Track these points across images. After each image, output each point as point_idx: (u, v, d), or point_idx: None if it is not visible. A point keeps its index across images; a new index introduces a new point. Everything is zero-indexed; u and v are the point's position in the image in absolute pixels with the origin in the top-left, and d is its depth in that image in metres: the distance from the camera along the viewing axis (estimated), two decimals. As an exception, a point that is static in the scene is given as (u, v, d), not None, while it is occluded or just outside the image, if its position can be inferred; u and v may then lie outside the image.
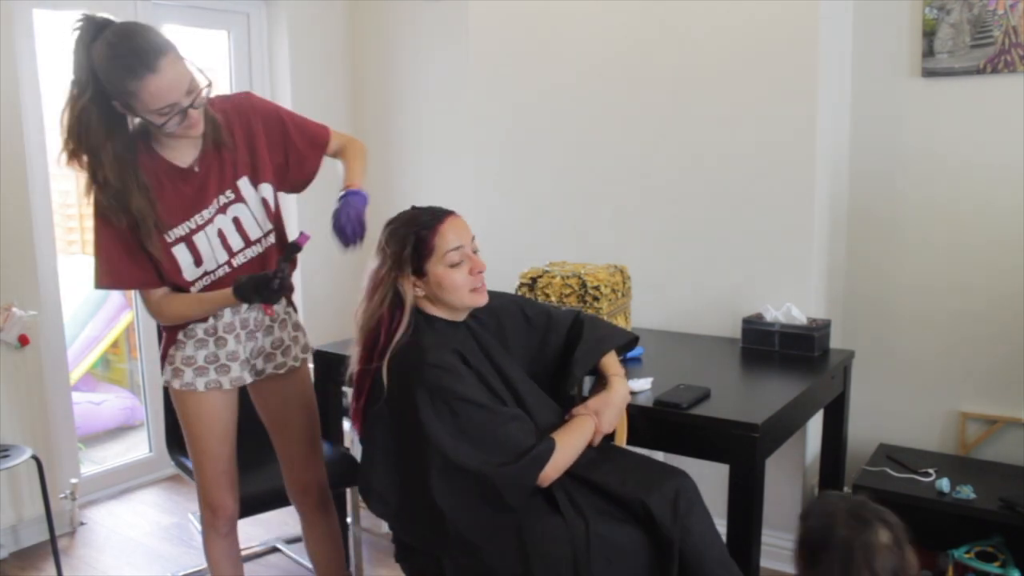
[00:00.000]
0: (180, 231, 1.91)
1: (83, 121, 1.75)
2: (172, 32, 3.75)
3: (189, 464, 2.59)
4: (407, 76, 3.93)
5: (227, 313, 2.03)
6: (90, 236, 4.27)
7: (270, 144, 2.01)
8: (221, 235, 1.96)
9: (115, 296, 4.23)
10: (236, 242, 1.98)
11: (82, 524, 3.36)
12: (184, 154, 1.92)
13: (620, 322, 2.68)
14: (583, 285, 2.55)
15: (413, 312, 1.77)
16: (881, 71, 2.88)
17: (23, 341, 3.04)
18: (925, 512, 2.67)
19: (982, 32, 2.69)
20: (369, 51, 4.06)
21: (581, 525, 1.66)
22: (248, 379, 2.12)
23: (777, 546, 2.87)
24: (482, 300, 1.80)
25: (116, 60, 1.69)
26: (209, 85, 1.81)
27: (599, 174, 3.14)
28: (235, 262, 1.99)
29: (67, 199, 4.24)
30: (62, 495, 3.24)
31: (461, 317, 1.82)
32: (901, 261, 2.93)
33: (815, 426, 2.83)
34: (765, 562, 2.73)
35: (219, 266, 1.98)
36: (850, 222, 3.01)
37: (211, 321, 2.02)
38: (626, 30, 3.00)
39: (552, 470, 1.70)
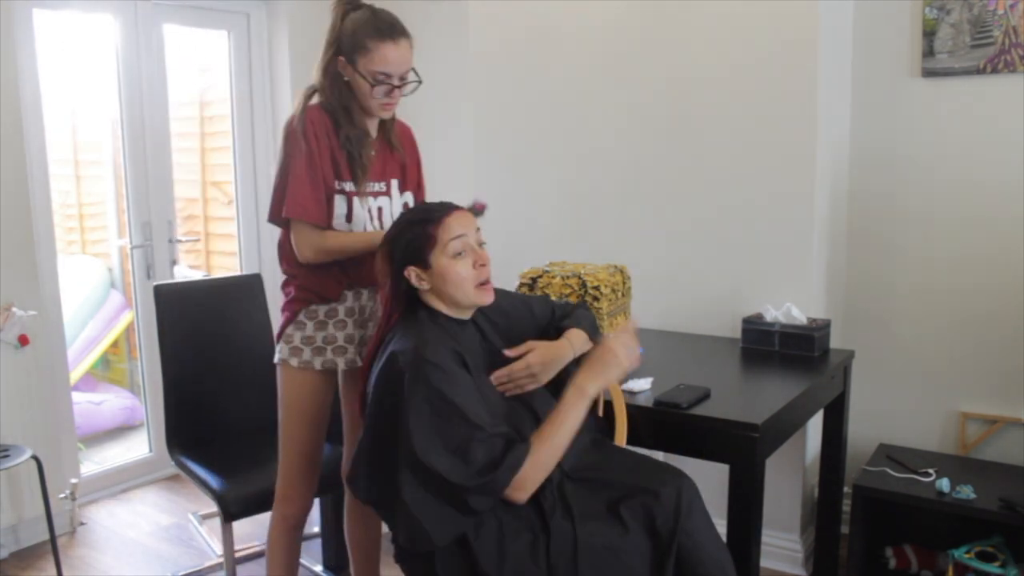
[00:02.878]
0: (350, 186, 2.06)
1: (331, 71, 2.05)
2: (172, 32, 3.76)
3: (189, 464, 2.60)
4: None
5: (350, 297, 2.13)
6: (90, 236, 4.29)
7: (414, 164, 2.28)
8: (369, 214, 2.11)
9: (115, 296, 4.23)
10: (376, 227, 2.12)
11: (82, 524, 3.36)
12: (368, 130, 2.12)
13: (620, 322, 2.68)
14: (583, 285, 2.55)
15: (418, 307, 1.77)
16: (881, 71, 2.88)
17: (23, 341, 3.05)
18: (925, 512, 2.67)
19: (982, 32, 2.69)
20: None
21: (568, 530, 1.64)
22: (359, 362, 2.15)
23: (777, 546, 2.87)
24: (488, 298, 1.78)
25: (371, 23, 2.01)
26: (420, 83, 2.08)
27: (599, 174, 3.14)
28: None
29: (67, 199, 4.24)
30: (62, 495, 3.24)
31: (468, 315, 1.81)
32: (901, 261, 2.93)
33: (815, 426, 2.83)
34: (765, 562, 2.73)
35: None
36: (850, 222, 3.01)
37: (334, 303, 2.12)
38: (626, 30, 3.00)
39: (528, 481, 1.63)
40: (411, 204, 2.21)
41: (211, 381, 2.77)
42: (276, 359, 2.18)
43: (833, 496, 2.70)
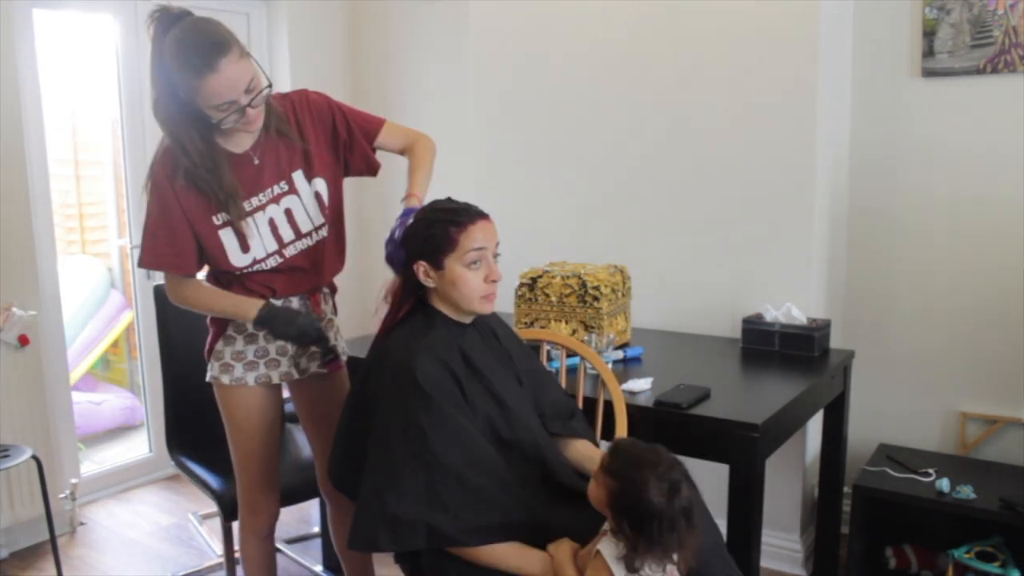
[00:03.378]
0: (225, 216, 1.91)
1: (161, 105, 1.84)
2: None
3: (189, 464, 2.60)
4: (407, 76, 3.93)
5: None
6: (90, 236, 4.29)
7: (324, 138, 2.04)
8: (272, 224, 1.97)
9: (115, 296, 4.23)
10: (287, 233, 1.99)
11: (82, 524, 3.36)
12: (240, 142, 1.94)
13: (620, 322, 2.68)
14: (583, 285, 2.55)
15: (418, 303, 1.77)
16: (881, 71, 2.88)
17: (23, 341, 3.04)
18: (925, 512, 2.67)
19: (982, 32, 2.69)
20: (369, 51, 4.06)
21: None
22: (295, 375, 2.11)
23: (777, 546, 2.87)
24: (490, 309, 1.77)
25: (181, 57, 1.75)
26: (269, 86, 1.86)
27: (599, 174, 3.14)
28: (286, 252, 2.00)
29: (67, 199, 4.23)
30: (62, 495, 3.24)
31: (467, 320, 1.80)
32: (901, 261, 2.93)
33: (815, 426, 2.83)
34: (765, 562, 2.73)
35: (268, 255, 1.98)
36: (850, 222, 3.01)
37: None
38: (626, 30, 3.00)
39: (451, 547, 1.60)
40: (323, 193, 2.03)
41: (211, 381, 2.77)
42: (208, 377, 2.10)
43: (833, 496, 2.70)
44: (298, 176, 2.00)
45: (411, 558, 1.72)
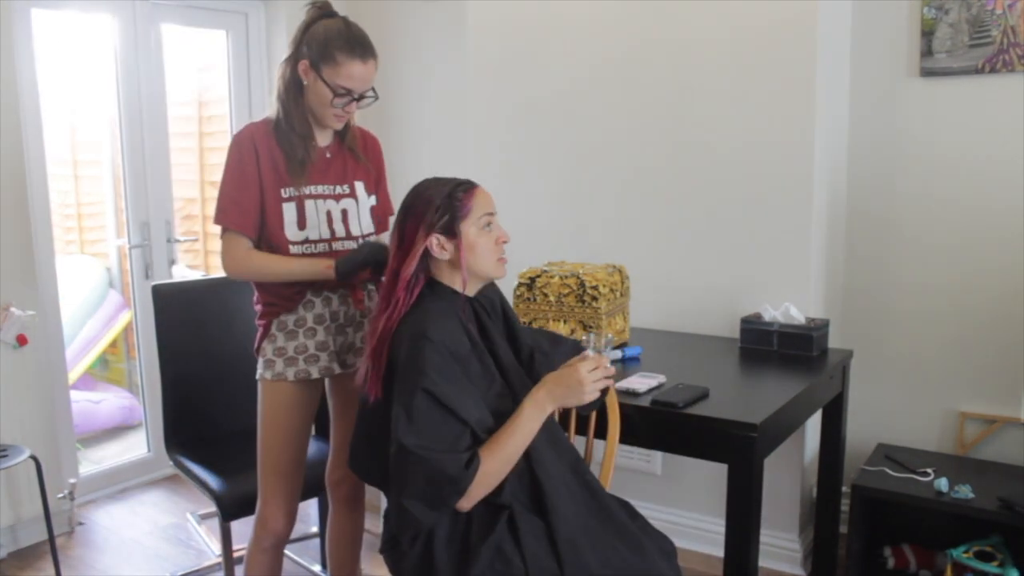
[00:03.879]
0: (293, 191, 2.04)
1: (288, 82, 2.05)
2: (171, 32, 3.76)
3: (188, 464, 2.60)
4: (406, 76, 3.92)
5: (318, 304, 2.11)
6: (89, 236, 4.29)
7: (372, 176, 2.23)
8: (329, 216, 2.09)
9: (113, 296, 4.23)
10: (340, 229, 2.11)
11: (80, 524, 3.36)
12: (322, 137, 2.12)
13: (619, 322, 2.68)
14: (581, 285, 2.55)
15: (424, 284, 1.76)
16: (880, 71, 2.88)
17: (21, 341, 3.04)
18: (923, 512, 2.67)
19: (980, 32, 2.69)
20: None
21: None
22: (337, 370, 2.15)
23: (776, 546, 2.87)
24: (504, 271, 1.81)
25: (344, 36, 2.00)
26: (377, 97, 2.09)
27: (598, 174, 3.14)
28: (335, 246, 2.10)
29: (65, 199, 4.23)
30: (60, 495, 3.23)
31: (472, 291, 1.79)
32: (900, 260, 2.93)
33: (814, 426, 2.83)
34: (764, 562, 2.73)
35: (320, 239, 2.08)
36: (849, 222, 3.01)
37: (301, 312, 2.10)
38: (625, 30, 3.00)
39: (474, 493, 1.62)
40: (374, 206, 2.20)
41: (209, 381, 2.77)
42: (257, 375, 2.15)
43: (832, 496, 2.70)
44: (359, 185, 2.16)
45: (394, 548, 1.73)
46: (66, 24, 3.72)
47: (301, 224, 2.05)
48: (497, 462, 1.63)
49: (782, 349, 2.62)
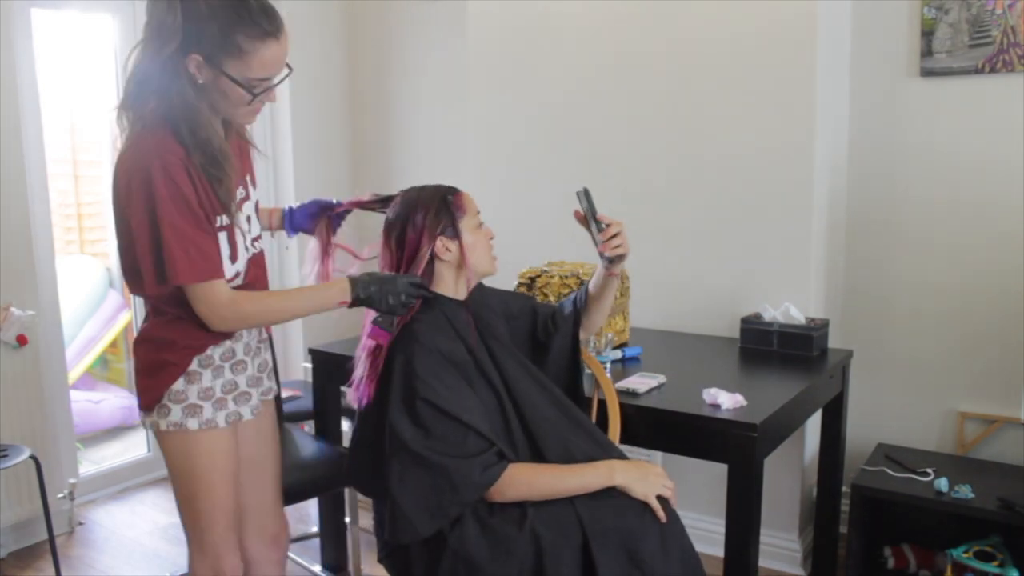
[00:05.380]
0: (225, 219, 1.66)
1: (172, 81, 1.53)
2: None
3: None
4: (406, 76, 3.92)
5: (244, 332, 1.78)
6: (88, 236, 4.29)
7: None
8: (243, 232, 1.73)
9: (113, 296, 4.23)
10: (248, 247, 1.76)
11: (80, 524, 3.36)
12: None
13: (619, 322, 2.68)
14: (582, 285, 2.55)
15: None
16: (880, 71, 2.88)
17: (21, 341, 3.04)
18: (923, 512, 2.67)
19: (980, 32, 2.69)
20: (367, 51, 4.05)
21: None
22: (260, 408, 1.85)
23: (776, 546, 2.87)
24: (497, 268, 1.84)
25: (243, 15, 1.50)
26: (291, 70, 1.63)
27: (598, 173, 3.14)
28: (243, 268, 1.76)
29: (65, 199, 4.23)
30: (60, 495, 3.23)
31: (463, 294, 1.81)
32: (900, 260, 2.93)
33: (813, 426, 2.83)
34: (763, 562, 2.73)
35: (245, 270, 1.76)
36: (849, 222, 3.01)
37: (228, 344, 1.75)
38: (625, 30, 3.00)
39: (508, 488, 1.62)
40: (258, 200, 1.84)
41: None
42: (164, 427, 1.70)
43: (831, 496, 2.70)
44: (248, 181, 1.79)
45: (393, 555, 1.72)
46: (66, 24, 3.72)
47: (233, 256, 1.68)
48: (536, 478, 1.64)
49: (782, 349, 2.62)
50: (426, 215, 1.74)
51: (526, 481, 1.64)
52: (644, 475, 1.68)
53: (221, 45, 1.50)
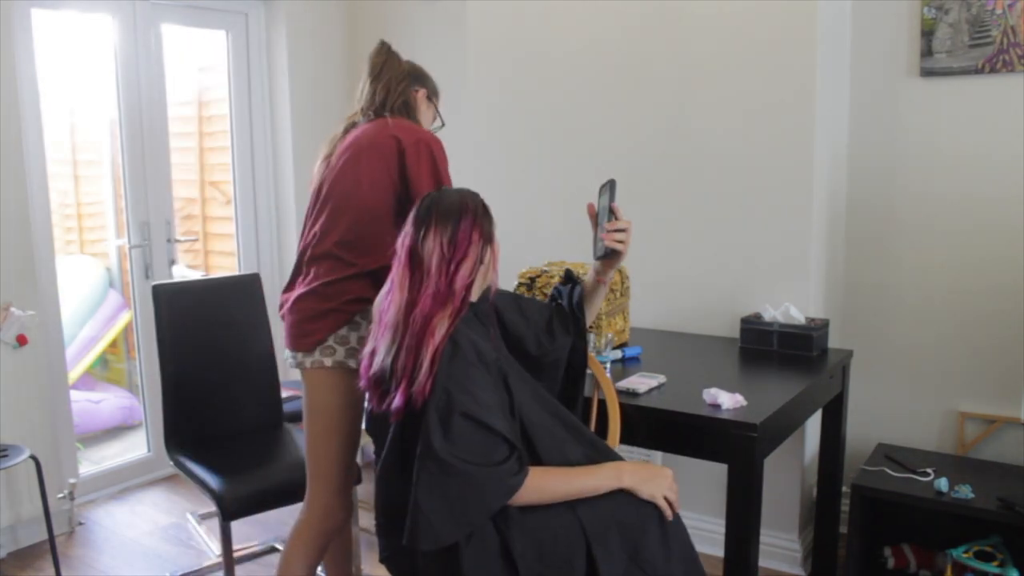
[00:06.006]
0: None
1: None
2: (171, 32, 3.76)
3: (187, 464, 2.60)
4: (406, 76, 3.92)
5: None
6: (88, 236, 4.29)
7: None
8: None
9: (113, 296, 4.23)
10: None
11: (80, 524, 3.36)
12: None
13: (619, 322, 2.68)
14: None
15: None
16: (880, 71, 2.88)
17: (21, 341, 3.04)
18: (923, 512, 2.67)
19: (980, 32, 2.69)
20: (368, 51, 4.04)
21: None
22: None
23: (776, 546, 2.87)
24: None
25: (425, 73, 2.41)
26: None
27: (597, 173, 3.12)
28: None
29: (65, 199, 4.23)
30: (60, 495, 3.23)
31: (478, 297, 1.79)
32: (900, 261, 2.93)
33: (814, 426, 2.83)
34: (763, 562, 2.73)
35: None
36: (849, 222, 3.01)
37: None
38: (624, 30, 3.00)
39: (525, 492, 1.62)
40: None
41: (209, 381, 2.77)
42: (329, 363, 2.07)
43: (831, 496, 2.70)
44: None
45: (396, 557, 1.72)
46: (66, 24, 3.72)
47: None
48: (548, 482, 1.65)
49: (782, 349, 2.62)
50: (475, 217, 1.69)
51: (537, 486, 1.64)
52: (652, 476, 1.69)
53: (435, 90, 2.46)
